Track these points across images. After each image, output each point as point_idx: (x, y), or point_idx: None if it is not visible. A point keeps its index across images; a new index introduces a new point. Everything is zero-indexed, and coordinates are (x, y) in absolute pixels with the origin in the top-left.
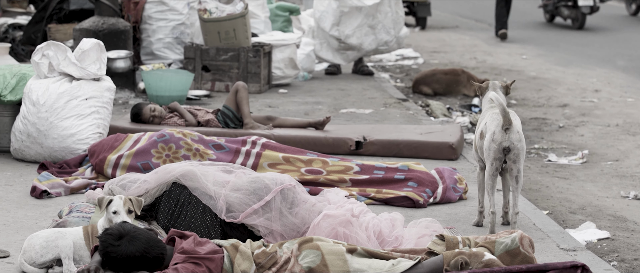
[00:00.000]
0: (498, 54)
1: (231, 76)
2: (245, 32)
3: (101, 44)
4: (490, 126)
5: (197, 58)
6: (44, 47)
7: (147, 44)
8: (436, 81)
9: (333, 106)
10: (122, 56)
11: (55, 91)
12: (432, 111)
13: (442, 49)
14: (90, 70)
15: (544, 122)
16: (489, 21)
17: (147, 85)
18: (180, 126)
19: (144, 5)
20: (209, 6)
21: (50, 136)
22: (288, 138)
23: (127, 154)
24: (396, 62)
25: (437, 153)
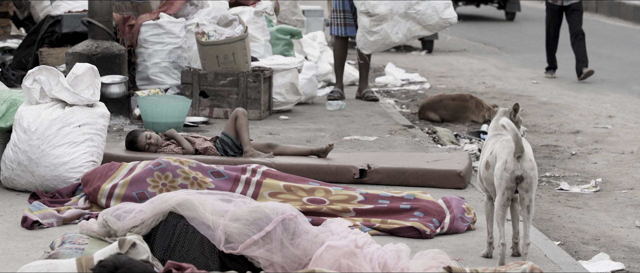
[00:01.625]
0: (508, 78)
1: (230, 101)
2: (244, 56)
3: (95, 68)
4: (500, 154)
5: (195, 83)
6: (36, 71)
7: (142, 69)
8: (443, 106)
9: (336, 133)
10: (116, 81)
11: (47, 117)
12: (439, 138)
13: (449, 74)
14: (83, 95)
15: (555, 149)
16: (497, 44)
17: (142, 111)
18: (178, 154)
19: (139, 28)
20: (207, 29)
21: (42, 165)
22: (289, 166)
23: (122, 184)
24: (401, 87)
25: (445, 182)
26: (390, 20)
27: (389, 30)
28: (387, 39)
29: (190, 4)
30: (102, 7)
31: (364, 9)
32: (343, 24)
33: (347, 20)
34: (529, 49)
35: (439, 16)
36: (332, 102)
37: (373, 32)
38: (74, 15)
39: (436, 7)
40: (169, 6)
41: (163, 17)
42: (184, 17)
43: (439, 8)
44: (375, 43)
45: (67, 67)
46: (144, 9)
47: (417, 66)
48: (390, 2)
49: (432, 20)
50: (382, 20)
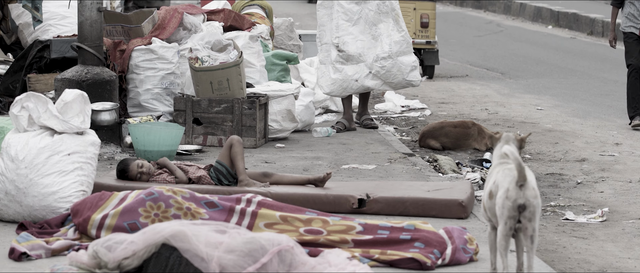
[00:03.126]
0: (511, 105)
1: (224, 129)
2: (239, 82)
3: (85, 95)
4: (502, 182)
5: (188, 110)
6: (23, 98)
7: (134, 95)
8: (445, 134)
9: (334, 162)
10: (107, 107)
11: (35, 145)
12: (441, 167)
13: (450, 100)
14: (73, 123)
15: (560, 178)
16: (501, 70)
17: (134, 139)
18: (170, 183)
19: (130, 53)
20: (201, 54)
21: (30, 194)
22: (286, 195)
23: (113, 214)
24: (401, 113)
25: (446, 212)
26: (355, 65)
27: (349, 73)
28: (345, 82)
29: (183, 28)
30: (93, 31)
31: (336, 41)
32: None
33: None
34: (533, 74)
35: (403, 77)
36: (317, 128)
37: (336, 69)
38: (63, 40)
39: (402, 68)
40: (162, 31)
41: (155, 42)
42: (176, 42)
43: (404, 69)
44: (335, 82)
45: (56, 93)
46: (135, 33)
47: (418, 92)
48: (363, 47)
49: (396, 79)
50: (347, 60)
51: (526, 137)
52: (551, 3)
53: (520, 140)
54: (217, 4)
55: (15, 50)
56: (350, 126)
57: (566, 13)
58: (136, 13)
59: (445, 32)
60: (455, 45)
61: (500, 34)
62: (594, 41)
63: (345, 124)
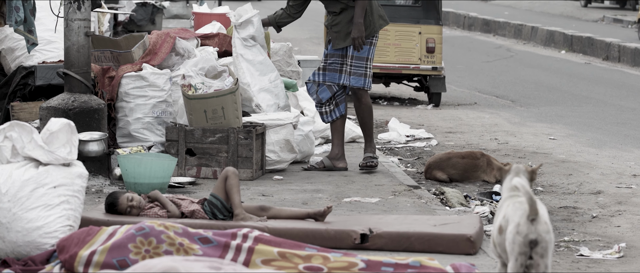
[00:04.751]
0: (522, 134)
1: (219, 160)
2: (235, 110)
3: (72, 124)
4: (513, 216)
5: (181, 140)
6: (7, 128)
7: (123, 125)
8: (452, 165)
9: (335, 195)
10: (95, 138)
11: (19, 177)
12: (448, 200)
13: (458, 129)
14: (59, 154)
15: (574, 211)
16: (511, 97)
17: (123, 171)
18: (162, 217)
19: (120, 80)
20: (194, 81)
21: (13, 230)
22: (284, 230)
23: (101, 250)
24: (406, 144)
25: (454, 247)
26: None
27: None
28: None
29: (175, 54)
30: (80, 57)
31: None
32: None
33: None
34: (546, 101)
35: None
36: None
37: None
38: (49, 66)
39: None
40: (153, 56)
41: (146, 69)
42: (169, 68)
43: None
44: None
45: (41, 123)
46: (125, 59)
47: (423, 121)
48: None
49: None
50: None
51: (537, 168)
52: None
53: (531, 172)
54: (211, 28)
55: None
56: (336, 165)
57: (580, 37)
58: (126, 38)
59: (452, 57)
60: (462, 71)
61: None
62: (609, 66)
63: (324, 163)
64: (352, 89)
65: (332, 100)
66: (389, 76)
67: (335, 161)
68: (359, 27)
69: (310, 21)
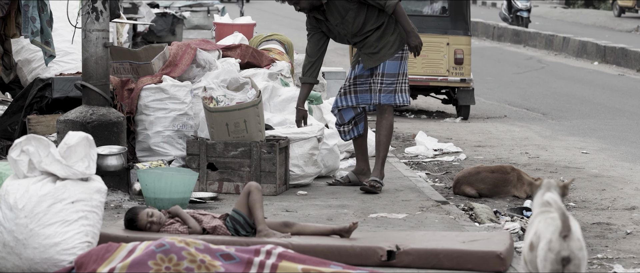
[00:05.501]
0: (554, 148)
1: (242, 175)
2: (258, 123)
3: (90, 138)
4: (544, 233)
5: (202, 154)
6: (23, 141)
7: (143, 138)
8: (481, 180)
9: (361, 210)
10: (114, 152)
11: (36, 193)
12: (477, 215)
13: (487, 143)
14: (77, 168)
15: (608, 228)
16: (542, 110)
17: (143, 186)
18: (183, 233)
19: (139, 92)
20: (216, 94)
21: (30, 246)
22: (308, 247)
23: (121, 267)
24: (434, 158)
25: (483, 265)
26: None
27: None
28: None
29: (196, 65)
30: (98, 69)
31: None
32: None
33: (358, 88)
34: (578, 114)
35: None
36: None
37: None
38: (66, 78)
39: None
40: (173, 68)
41: (166, 81)
42: (189, 80)
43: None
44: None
45: (58, 136)
46: (144, 71)
47: (452, 135)
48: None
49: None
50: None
51: (569, 183)
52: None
53: (563, 187)
54: (233, 39)
55: (14, 89)
56: (361, 181)
57: (613, 48)
58: (145, 49)
59: (481, 69)
60: (492, 83)
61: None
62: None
63: (349, 178)
64: (379, 106)
65: (353, 120)
66: (416, 88)
67: (361, 176)
68: (415, 33)
69: None
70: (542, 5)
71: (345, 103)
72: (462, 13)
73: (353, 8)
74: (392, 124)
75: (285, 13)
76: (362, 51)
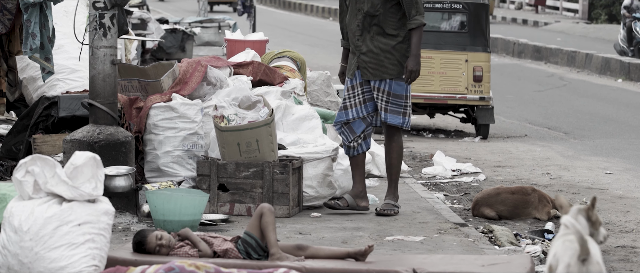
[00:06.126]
0: (576, 168)
1: (254, 196)
2: (270, 143)
3: (97, 158)
4: (562, 256)
5: (213, 175)
6: (28, 162)
7: (152, 158)
8: (501, 201)
9: (376, 233)
10: (122, 172)
11: (41, 215)
12: (497, 238)
13: (507, 163)
14: (84, 190)
15: (632, 251)
16: (564, 129)
17: (152, 208)
18: (193, 257)
19: (148, 111)
20: (227, 112)
21: (35, 270)
22: (323, 270)
23: None
24: (452, 178)
25: None
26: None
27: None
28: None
29: (207, 83)
30: (106, 87)
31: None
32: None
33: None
34: (601, 133)
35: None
36: None
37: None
38: (73, 97)
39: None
40: (183, 86)
41: (176, 99)
42: (200, 98)
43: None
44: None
45: (64, 156)
46: (153, 89)
47: (471, 155)
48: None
49: None
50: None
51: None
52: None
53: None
54: (245, 56)
55: (19, 107)
56: (359, 204)
57: (638, 65)
58: (154, 66)
59: (501, 86)
60: (512, 101)
61: (564, 88)
62: None
63: (347, 201)
64: (387, 126)
65: (363, 133)
66: (433, 106)
67: (359, 200)
68: (417, 59)
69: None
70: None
71: (356, 115)
72: (482, 29)
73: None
74: (402, 146)
75: (299, 29)
76: (362, 58)
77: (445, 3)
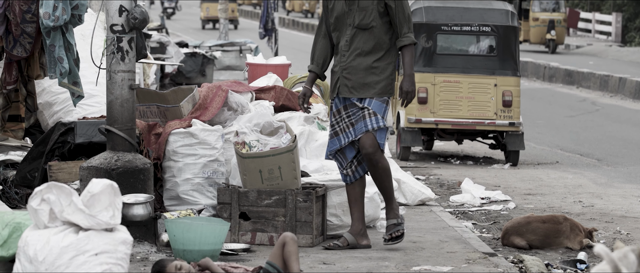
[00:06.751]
0: (609, 196)
1: (276, 225)
2: (293, 170)
3: (115, 186)
4: None
5: (234, 203)
6: (44, 190)
7: (171, 186)
8: (531, 230)
9: (403, 262)
10: (140, 200)
11: (57, 244)
12: (527, 268)
13: (538, 191)
14: (101, 218)
15: None
16: (597, 156)
17: (171, 237)
18: None
19: (167, 137)
20: (249, 139)
21: None
22: None
23: None
24: (481, 207)
25: None
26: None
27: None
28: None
29: (228, 108)
30: (123, 112)
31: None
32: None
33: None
34: (635, 160)
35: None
36: (384, 223)
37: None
38: (90, 123)
39: None
40: (203, 111)
41: (196, 125)
42: (220, 124)
43: None
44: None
45: (81, 184)
46: (173, 114)
47: (500, 182)
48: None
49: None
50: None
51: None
52: None
53: None
54: (267, 81)
55: (34, 133)
56: (359, 243)
57: None
58: (174, 91)
59: (531, 112)
60: (543, 127)
61: (596, 113)
62: None
63: (347, 240)
64: (365, 155)
65: (355, 158)
66: (461, 132)
67: (359, 238)
68: (411, 79)
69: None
70: (597, 43)
71: (345, 140)
72: (511, 52)
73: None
74: (386, 166)
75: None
76: (343, 74)
77: (474, 25)
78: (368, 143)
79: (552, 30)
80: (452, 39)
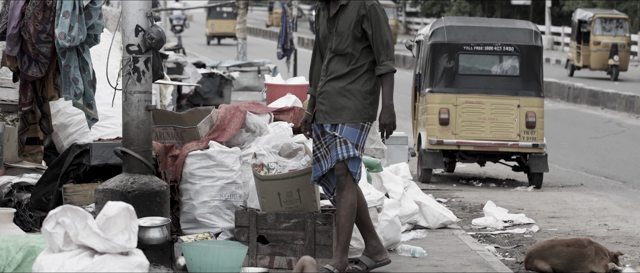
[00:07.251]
0: (635, 219)
1: (295, 248)
2: (312, 193)
3: (131, 209)
4: None
5: (252, 226)
6: (59, 213)
7: (188, 209)
8: (555, 254)
9: None
10: (156, 223)
11: (72, 268)
12: None
13: (562, 214)
14: (116, 242)
15: None
16: (622, 178)
17: (188, 261)
18: None
19: (184, 159)
20: (267, 160)
21: None
22: None
23: None
24: (504, 230)
25: None
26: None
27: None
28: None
29: (246, 130)
30: (140, 134)
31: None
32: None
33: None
34: None
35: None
36: (405, 246)
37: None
38: (105, 144)
39: None
40: (221, 133)
41: (213, 147)
42: (238, 146)
43: None
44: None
45: (96, 207)
46: (190, 136)
47: (523, 205)
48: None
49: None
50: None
51: None
52: None
53: None
54: (286, 102)
55: (49, 156)
56: (378, 260)
57: None
58: (191, 112)
59: (555, 133)
60: (567, 149)
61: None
62: None
63: (366, 264)
64: (337, 178)
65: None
66: (484, 154)
67: (376, 257)
68: (390, 111)
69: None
70: None
71: (326, 167)
72: (534, 72)
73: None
74: (353, 202)
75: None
76: (319, 98)
77: (496, 45)
78: (338, 173)
79: (616, 55)
80: (474, 59)
